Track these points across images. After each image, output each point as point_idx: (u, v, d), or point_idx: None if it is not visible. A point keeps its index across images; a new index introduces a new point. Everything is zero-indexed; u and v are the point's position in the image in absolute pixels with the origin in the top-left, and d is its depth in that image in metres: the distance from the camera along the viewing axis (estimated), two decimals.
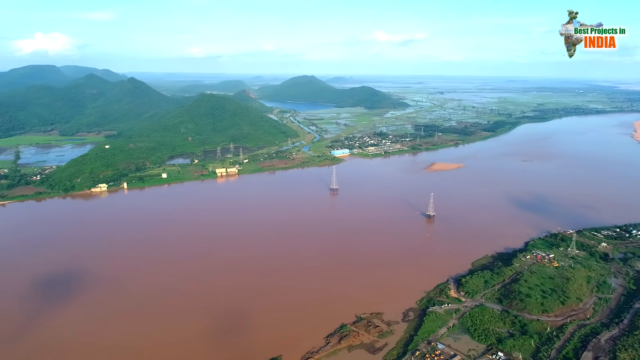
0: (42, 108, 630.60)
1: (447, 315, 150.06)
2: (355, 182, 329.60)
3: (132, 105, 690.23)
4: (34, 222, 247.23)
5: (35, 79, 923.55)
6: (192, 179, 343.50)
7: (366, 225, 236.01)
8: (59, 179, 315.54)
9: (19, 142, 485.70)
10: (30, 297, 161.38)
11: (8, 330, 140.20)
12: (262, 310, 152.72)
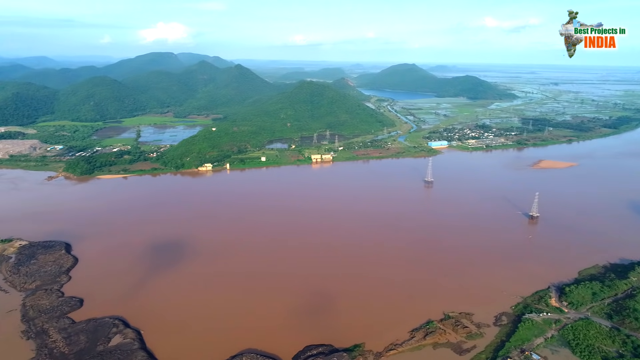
0: (160, 91, 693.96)
1: (546, 325, 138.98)
2: (452, 176, 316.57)
3: (237, 90, 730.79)
4: (150, 195, 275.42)
5: (156, 65, 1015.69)
6: (288, 163, 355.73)
7: (461, 221, 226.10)
8: (172, 157, 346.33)
9: (140, 122, 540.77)
10: (143, 258, 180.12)
11: (126, 285, 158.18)
12: (347, 296, 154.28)
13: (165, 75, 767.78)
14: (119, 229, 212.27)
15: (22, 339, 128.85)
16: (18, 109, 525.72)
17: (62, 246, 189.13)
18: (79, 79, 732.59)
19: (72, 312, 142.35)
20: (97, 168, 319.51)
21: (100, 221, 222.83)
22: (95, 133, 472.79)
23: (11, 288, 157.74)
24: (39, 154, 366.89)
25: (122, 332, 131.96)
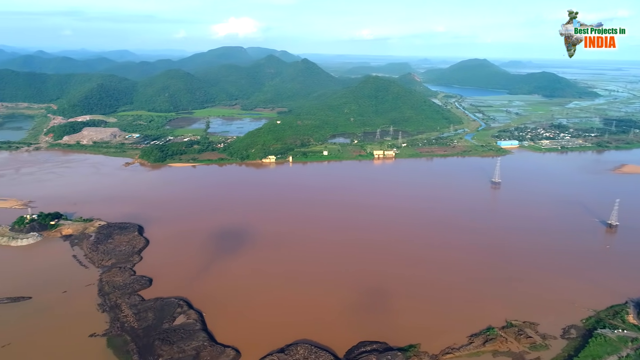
0: (229, 84, 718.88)
1: (620, 343, 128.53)
2: (522, 177, 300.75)
3: (303, 84, 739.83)
4: (216, 184, 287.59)
5: (226, 59, 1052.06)
6: (350, 158, 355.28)
7: (529, 225, 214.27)
8: (237, 148, 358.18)
9: (210, 114, 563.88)
10: (208, 244, 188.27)
11: (191, 268, 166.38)
12: (404, 295, 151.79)
13: (235, 68, 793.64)
14: (186, 215, 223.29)
15: (98, 311, 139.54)
16: (102, 99, 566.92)
17: (135, 228, 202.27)
18: (156, 72, 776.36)
19: (142, 290, 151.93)
20: (168, 156, 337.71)
21: (170, 207, 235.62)
22: (168, 123, 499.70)
23: (90, 264, 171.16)
24: (118, 141, 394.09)
25: (186, 312, 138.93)
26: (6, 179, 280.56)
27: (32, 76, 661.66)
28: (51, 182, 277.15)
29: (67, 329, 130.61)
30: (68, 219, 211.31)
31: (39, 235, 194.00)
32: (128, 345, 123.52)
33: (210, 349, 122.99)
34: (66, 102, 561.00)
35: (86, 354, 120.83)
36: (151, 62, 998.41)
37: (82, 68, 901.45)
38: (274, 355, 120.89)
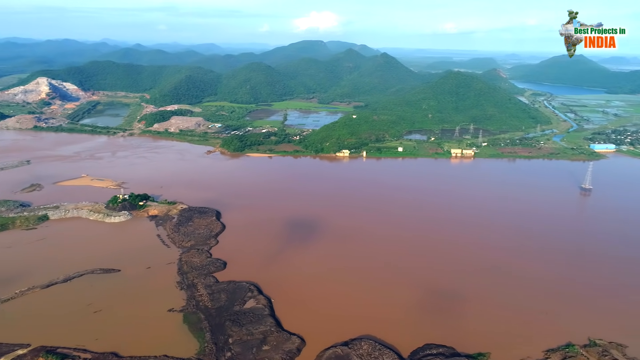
0: (308, 78, 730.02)
1: None
2: (618, 185, 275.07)
3: (381, 79, 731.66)
4: (290, 175, 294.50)
5: (306, 52, 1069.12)
6: (425, 155, 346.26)
7: (623, 237, 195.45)
8: (313, 141, 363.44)
9: (288, 106, 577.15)
10: (280, 232, 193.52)
11: (263, 255, 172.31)
12: (475, 300, 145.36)
13: (314, 62, 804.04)
14: (261, 204, 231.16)
15: (176, 289, 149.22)
16: (189, 89, 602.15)
17: (213, 213, 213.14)
18: (239, 65, 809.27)
19: (217, 272, 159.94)
20: (247, 146, 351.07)
21: (247, 194, 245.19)
22: (248, 114, 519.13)
23: (172, 244, 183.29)
24: (202, 130, 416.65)
25: (256, 297, 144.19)
26: (104, 162, 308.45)
27: (129, 67, 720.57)
28: (141, 166, 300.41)
29: (150, 302, 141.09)
30: (155, 200, 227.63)
31: (129, 214, 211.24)
32: (202, 323, 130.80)
33: (277, 334, 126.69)
34: (158, 92, 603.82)
35: (165, 327, 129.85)
36: (235, 55, 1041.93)
37: (173, 60, 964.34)
38: (338, 348, 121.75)
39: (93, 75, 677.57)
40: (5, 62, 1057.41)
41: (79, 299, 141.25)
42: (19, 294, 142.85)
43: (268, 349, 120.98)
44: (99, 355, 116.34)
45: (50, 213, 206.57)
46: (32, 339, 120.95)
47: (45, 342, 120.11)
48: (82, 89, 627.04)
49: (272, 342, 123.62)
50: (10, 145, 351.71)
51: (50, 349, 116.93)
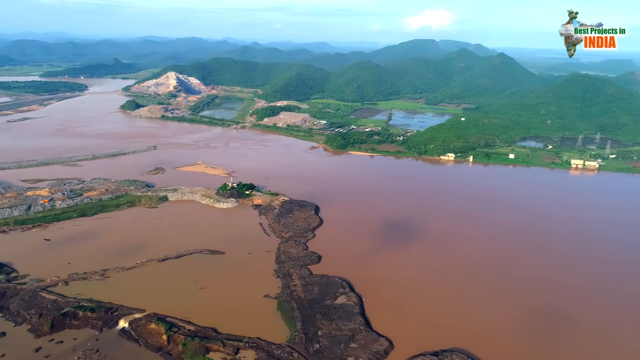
0: (416, 78, 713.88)
1: None
2: None
3: (495, 80, 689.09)
4: (391, 175, 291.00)
5: (416, 51, 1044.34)
6: (540, 164, 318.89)
7: None
8: (416, 142, 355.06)
9: (393, 106, 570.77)
10: (376, 232, 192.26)
11: (357, 252, 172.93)
12: (595, 329, 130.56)
13: (423, 62, 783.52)
14: (359, 201, 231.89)
15: (273, 276, 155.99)
16: (298, 86, 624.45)
17: (312, 207, 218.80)
18: (348, 63, 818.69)
19: (311, 265, 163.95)
20: (349, 144, 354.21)
21: (346, 191, 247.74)
22: (353, 112, 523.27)
23: (272, 233, 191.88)
24: (307, 126, 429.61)
25: (347, 294, 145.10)
26: (218, 151, 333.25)
27: (246, 64, 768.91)
28: (250, 158, 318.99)
29: (248, 285, 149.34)
30: (259, 190, 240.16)
31: (236, 201, 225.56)
32: (294, 312, 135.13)
33: (366, 334, 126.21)
34: (269, 88, 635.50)
35: (260, 310, 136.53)
36: (345, 53, 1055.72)
37: (285, 58, 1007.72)
38: (427, 357, 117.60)
39: (214, 70, 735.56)
40: (143, 58, 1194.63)
41: (187, 275, 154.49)
42: (139, 264, 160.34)
43: (355, 347, 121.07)
44: (200, 329, 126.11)
45: (170, 194, 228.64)
46: (147, 306, 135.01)
47: (157, 309, 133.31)
48: (203, 83, 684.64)
49: (360, 341, 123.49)
50: (142, 131, 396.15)
51: (160, 317, 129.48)
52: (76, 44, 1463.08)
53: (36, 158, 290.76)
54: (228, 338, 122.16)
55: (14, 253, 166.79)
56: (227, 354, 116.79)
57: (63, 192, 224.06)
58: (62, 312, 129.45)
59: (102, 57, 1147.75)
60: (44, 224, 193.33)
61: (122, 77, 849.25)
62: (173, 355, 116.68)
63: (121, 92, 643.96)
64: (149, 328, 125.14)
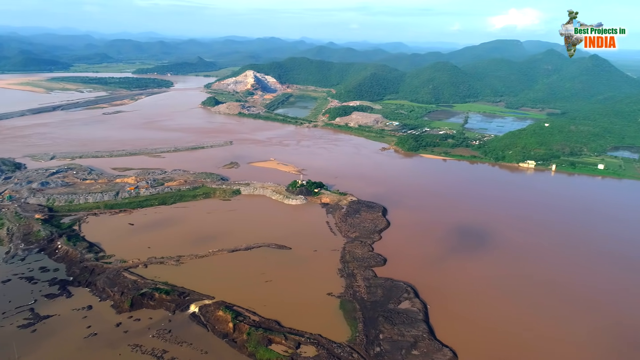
0: (496, 80, 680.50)
1: None
2: None
3: (585, 84, 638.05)
4: (464, 180, 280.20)
5: (498, 52, 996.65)
6: (634, 177, 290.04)
7: None
8: (493, 148, 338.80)
9: (470, 109, 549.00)
10: (445, 238, 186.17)
11: (424, 258, 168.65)
12: None
13: (505, 63, 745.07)
14: (429, 206, 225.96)
15: (337, 275, 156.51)
16: (372, 87, 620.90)
17: (380, 209, 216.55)
18: (424, 64, 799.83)
19: (376, 267, 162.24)
20: (422, 147, 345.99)
21: (415, 195, 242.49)
22: (427, 114, 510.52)
23: (338, 232, 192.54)
24: (379, 127, 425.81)
25: (412, 300, 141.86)
26: (290, 149, 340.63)
27: (321, 64, 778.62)
28: (320, 156, 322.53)
29: (312, 282, 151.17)
30: (328, 189, 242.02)
31: (305, 198, 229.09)
32: (356, 313, 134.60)
33: (429, 342, 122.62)
34: (343, 87, 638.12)
35: (322, 308, 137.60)
36: (421, 54, 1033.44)
37: (360, 58, 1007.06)
38: None
39: (290, 70, 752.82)
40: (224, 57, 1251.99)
41: (254, 267, 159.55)
42: (211, 253, 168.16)
43: (417, 354, 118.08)
44: (264, 320, 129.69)
45: (242, 188, 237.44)
46: (216, 293, 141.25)
47: (225, 298, 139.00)
48: (279, 82, 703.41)
49: (422, 349, 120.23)
50: (220, 127, 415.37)
51: (228, 305, 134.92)
52: (165, 43, 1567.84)
53: (125, 148, 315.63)
54: (290, 332, 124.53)
55: (102, 234, 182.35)
56: (288, 347, 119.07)
57: (147, 181, 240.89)
58: (140, 292, 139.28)
59: (187, 55, 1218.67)
60: (129, 210, 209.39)
61: (204, 74, 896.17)
62: (237, 343, 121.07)
63: (203, 89, 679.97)
64: (217, 315, 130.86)
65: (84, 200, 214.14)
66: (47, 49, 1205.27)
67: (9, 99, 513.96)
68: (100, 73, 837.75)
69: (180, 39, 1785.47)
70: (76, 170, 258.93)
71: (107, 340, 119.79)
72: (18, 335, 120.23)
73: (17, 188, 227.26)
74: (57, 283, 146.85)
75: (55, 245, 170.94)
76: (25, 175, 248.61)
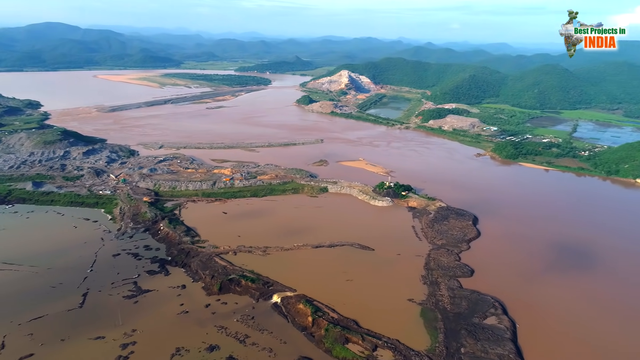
0: (614, 85, 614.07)
1: None
2: None
3: None
4: (570, 194, 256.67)
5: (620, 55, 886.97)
6: None
7: None
8: (606, 160, 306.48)
9: (580, 116, 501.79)
10: (540, 254, 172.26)
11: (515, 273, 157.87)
12: None
13: (627, 66, 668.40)
14: (526, 217, 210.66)
15: (419, 281, 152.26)
16: (470, 89, 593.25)
17: (470, 217, 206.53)
18: (530, 66, 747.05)
19: (462, 278, 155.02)
20: (521, 155, 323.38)
21: (511, 205, 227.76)
22: (530, 120, 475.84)
23: (424, 238, 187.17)
24: (475, 132, 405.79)
25: (499, 316, 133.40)
26: (379, 149, 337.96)
27: (417, 65, 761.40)
28: (410, 159, 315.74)
29: (393, 286, 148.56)
30: (416, 193, 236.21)
31: (391, 201, 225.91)
32: (437, 322, 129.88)
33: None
34: (439, 89, 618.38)
35: (402, 313, 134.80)
36: (527, 55, 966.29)
37: (459, 59, 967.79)
38: None
39: (385, 70, 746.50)
40: (320, 56, 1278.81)
41: (336, 265, 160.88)
42: (296, 247, 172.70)
43: None
44: (343, 318, 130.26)
45: (330, 186, 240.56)
46: (298, 286, 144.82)
47: (306, 292, 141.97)
48: (373, 82, 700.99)
49: None
50: (312, 125, 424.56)
51: (308, 299, 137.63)
52: (266, 42, 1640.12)
53: (224, 141, 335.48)
54: (368, 333, 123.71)
55: (199, 220, 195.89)
56: (365, 348, 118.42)
57: (241, 173, 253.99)
58: (229, 277, 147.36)
59: (286, 54, 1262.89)
60: (223, 199, 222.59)
61: (300, 73, 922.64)
62: (315, 337, 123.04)
63: (298, 87, 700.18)
64: (297, 307, 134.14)
65: (185, 188, 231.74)
66: (163, 47, 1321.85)
67: (128, 92, 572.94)
68: (207, 70, 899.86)
69: (280, 39, 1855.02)
70: (180, 160, 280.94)
71: (197, 319, 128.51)
72: (123, 304, 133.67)
73: (130, 172, 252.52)
74: (158, 261, 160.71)
75: (158, 226, 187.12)
76: (138, 162, 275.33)
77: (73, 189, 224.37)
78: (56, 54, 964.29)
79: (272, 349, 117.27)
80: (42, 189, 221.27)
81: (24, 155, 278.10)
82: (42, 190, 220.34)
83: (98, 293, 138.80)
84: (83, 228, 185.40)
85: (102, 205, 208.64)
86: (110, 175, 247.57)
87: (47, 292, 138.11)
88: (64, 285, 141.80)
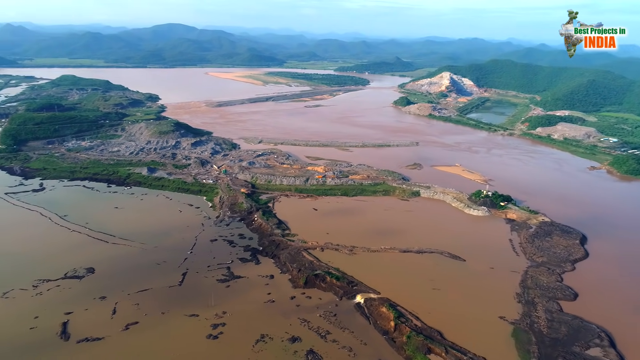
0: None
1: None
2: None
3: None
4: None
5: None
6: None
7: None
8: None
9: None
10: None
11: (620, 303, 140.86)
12: None
13: None
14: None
15: (513, 299, 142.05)
16: (587, 95, 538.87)
17: (578, 236, 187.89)
18: None
19: (563, 301, 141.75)
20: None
21: (629, 226, 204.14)
22: None
23: (522, 253, 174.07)
24: (591, 143, 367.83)
25: (605, 348, 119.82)
26: (478, 156, 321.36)
27: (526, 67, 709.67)
28: (512, 168, 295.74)
29: (484, 301, 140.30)
30: (516, 204, 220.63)
31: (488, 211, 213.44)
32: (531, 346, 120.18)
33: None
34: (550, 94, 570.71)
35: (491, 330, 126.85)
36: None
37: (577, 62, 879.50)
38: None
39: (490, 73, 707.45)
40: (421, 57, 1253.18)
41: (424, 271, 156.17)
42: (383, 249, 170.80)
43: None
44: (426, 327, 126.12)
45: (422, 191, 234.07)
46: (382, 289, 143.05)
47: (390, 295, 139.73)
48: (476, 85, 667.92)
49: None
50: (408, 127, 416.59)
51: (392, 303, 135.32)
52: (367, 43, 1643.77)
53: (319, 140, 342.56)
54: (452, 347, 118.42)
55: (291, 214, 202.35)
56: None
57: (334, 171, 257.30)
58: (315, 272, 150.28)
59: (386, 55, 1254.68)
60: (315, 196, 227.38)
61: (400, 74, 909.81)
62: (396, 343, 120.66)
63: (396, 88, 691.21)
64: (380, 310, 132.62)
65: (280, 182, 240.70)
66: (268, 47, 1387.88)
67: (234, 89, 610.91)
68: (307, 69, 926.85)
69: (381, 39, 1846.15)
70: (277, 155, 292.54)
71: (282, 310, 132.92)
72: (216, 287, 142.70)
73: (231, 164, 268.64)
74: (250, 250, 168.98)
75: (253, 217, 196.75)
76: (238, 154, 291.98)
77: (181, 176, 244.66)
78: (175, 52, 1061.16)
79: (352, 348, 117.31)
80: (155, 175, 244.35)
81: (142, 143, 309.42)
82: (155, 175, 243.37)
83: (195, 274, 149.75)
84: (187, 213, 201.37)
85: (204, 193, 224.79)
86: (213, 166, 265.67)
87: (153, 268, 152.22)
88: (167, 264, 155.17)
